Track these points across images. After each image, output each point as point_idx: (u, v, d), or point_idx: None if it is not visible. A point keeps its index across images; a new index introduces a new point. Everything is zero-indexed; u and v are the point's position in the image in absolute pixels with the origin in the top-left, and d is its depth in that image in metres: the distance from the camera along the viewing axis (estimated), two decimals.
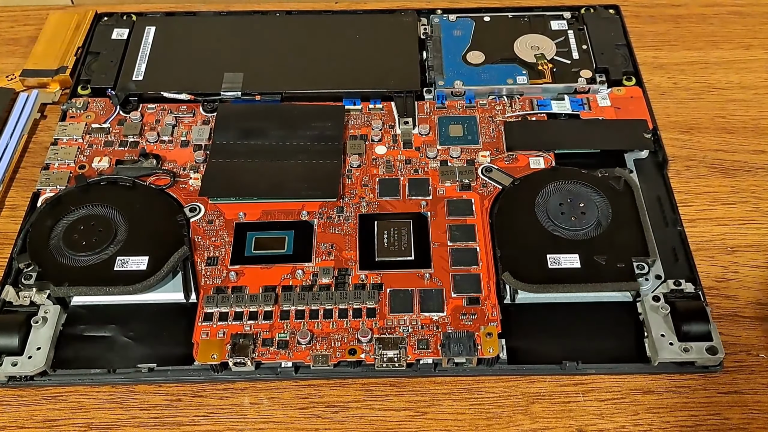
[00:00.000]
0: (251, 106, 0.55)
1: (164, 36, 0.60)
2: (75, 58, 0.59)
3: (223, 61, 0.57)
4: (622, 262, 0.44)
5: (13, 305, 0.44)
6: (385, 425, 0.41)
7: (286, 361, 0.42)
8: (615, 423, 0.41)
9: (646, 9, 0.64)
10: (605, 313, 0.44)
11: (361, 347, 0.42)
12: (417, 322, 0.43)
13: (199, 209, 0.49)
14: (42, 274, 0.44)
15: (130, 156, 0.52)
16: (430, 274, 0.45)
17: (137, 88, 0.56)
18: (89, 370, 0.42)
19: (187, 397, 0.42)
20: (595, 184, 0.48)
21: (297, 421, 0.41)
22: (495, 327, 0.43)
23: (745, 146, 0.54)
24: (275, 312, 0.44)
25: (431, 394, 0.42)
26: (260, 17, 0.62)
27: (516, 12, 0.61)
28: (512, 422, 0.41)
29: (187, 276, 0.45)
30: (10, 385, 0.42)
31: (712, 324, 0.42)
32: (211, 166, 0.50)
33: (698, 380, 0.43)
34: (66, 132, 0.53)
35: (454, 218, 0.48)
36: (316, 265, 0.46)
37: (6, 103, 0.56)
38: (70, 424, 0.41)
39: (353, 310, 0.44)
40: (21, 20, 0.65)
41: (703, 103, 0.57)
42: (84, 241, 0.46)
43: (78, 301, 0.45)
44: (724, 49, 0.62)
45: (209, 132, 0.53)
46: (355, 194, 0.50)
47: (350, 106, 0.55)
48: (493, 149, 0.52)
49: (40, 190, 0.50)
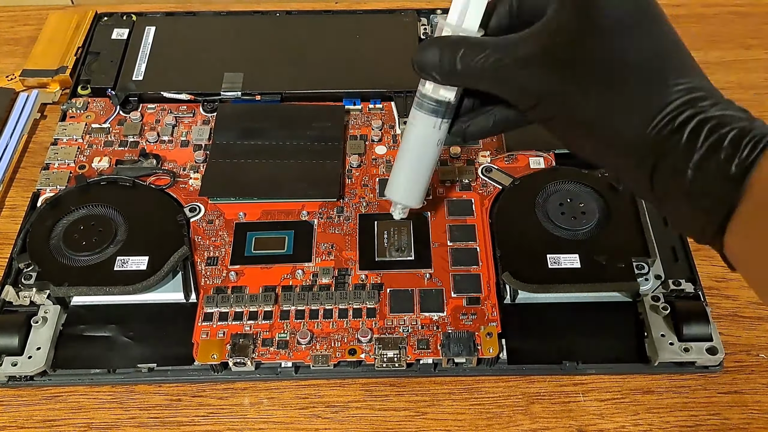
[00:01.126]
0: (251, 106, 0.55)
1: (164, 36, 0.60)
2: (75, 58, 0.58)
3: (223, 61, 0.57)
4: (622, 262, 0.44)
5: (13, 305, 0.44)
6: (385, 425, 0.41)
7: (286, 361, 0.42)
8: (615, 423, 0.41)
9: None
10: (605, 313, 0.44)
11: (361, 347, 0.42)
12: (417, 322, 0.43)
13: (199, 209, 0.49)
14: (42, 274, 0.44)
15: (130, 156, 0.52)
16: (430, 274, 0.45)
17: (137, 88, 0.56)
18: (89, 370, 0.42)
19: (187, 397, 0.42)
20: (595, 184, 0.48)
21: (297, 421, 0.41)
22: (495, 327, 0.43)
23: None
24: (275, 312, 0.44)
25: (431, 394, 0.42)
26: (260, 17, 0.62)
27: None
28: (512, 422, 0.41)
29: (187, 276, 0.45)
30: (10, 385, 0.42)
31: (712, 324, 0.42)
32: (211, 166, 0.50)
33: (698, 380, 0.43)
34: (66, 132, 0.53)
35: (454, 218, 0.48)
36: (316, 265, 0.46)
37: (6, 103, 0.56)
38: (70, 424, 0.41)
39: (353, 310, 0.44)
40: (21, 20, 0.65)
41: None
42: (84, 241, 0.46)
43: (78, 301, 0.45)
44: (724, 49, 0.62)
45: (209, 132, 0.53)
46: (355, 194, 0.50)
47: (350, 106, 0.55)
48: (493, 149, 0.52)
49: (40, 190, 0.50)
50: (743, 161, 0.26)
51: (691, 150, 0.27)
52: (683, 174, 0.28)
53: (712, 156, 0.27)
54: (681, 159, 0.28)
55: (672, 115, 0.28)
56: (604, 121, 0.30)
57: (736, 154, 0.26)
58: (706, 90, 0.29)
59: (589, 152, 0.32)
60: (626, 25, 0.30)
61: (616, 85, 0.29)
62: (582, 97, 0.30)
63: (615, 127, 0.30)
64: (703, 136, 0.27)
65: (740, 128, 0.27)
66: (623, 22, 0.30)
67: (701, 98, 0.28)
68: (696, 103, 0.28)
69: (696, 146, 0.27)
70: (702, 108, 0.28)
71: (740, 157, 0.26)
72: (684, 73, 0.29)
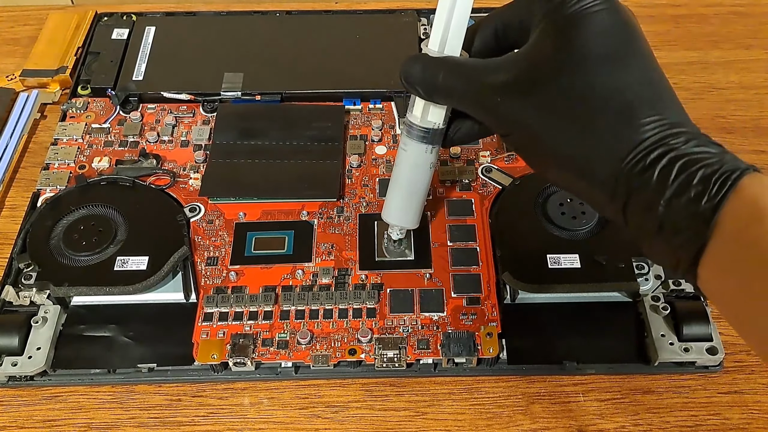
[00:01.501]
0: (251, 106, 0.55)
1: (164, 36, 0.60)
2: (75, 58, 0.58)
3: (223, 61, 0.57)
4: (622, 262, 0.44)
5: (13, 305, 0.44)
6: (385, 425, 0.41)
7: (286, 361, 0.42)
8: (615, 423, 0.41)
9: (646, 9, 0.64)
10: (605, 313, 0.44)
11: (361, 347, 0.42)
12: (417, 322, 0.43)
13: (199, 209, 0.49)
14: (42, 274, 0.44)
15: (130, 156, 0.52)
16: (430, 274, 0.45)
17: (137, 88, 0.56)
18: (89, 370, 0.42)
19: (187, 397, 0.42)
20: None
21: (297, 421, 0.41)
22: (495, 327, 0.43)
23: (745, 146, 0.54)
24: (275, 312, 0.44)
25: (431, 394, 0.42)
26: (260, 17, 0.62)
27: None
28: (512, 422, 0.41)
29: (187, 276, 0.45)
30: (10, 385, 0.42)
31: (712, 324, 0.42)
32: (211, 166, 0.50)
33: (698, 380, 0.43)
34: (66, 132, 0.53)
35: (454, 218, 0.48)
36: (316, 265, 0.46)
37: (6, 103, 0.56)
38: (70, 424, 0.41)
39: (353, 310, 0.44)
40: (21, 20, 0.65)
41: (703, 103, 0.57)
42: (84, 241, 0.46)
43: (78, 301, 0.45)
44: (724, 49, 0.62)
45: (209, 132, 0.53)
46: (355, 194, 0.50)
47: (350, 106, 0.55)
48: (493, 149, 0.52)
49: (40, 190, 0.50)
50: (712, 198, 0.26)
51: (663, 188, 0.27)
52: (655, 211, 0.28)
53: (683, 194, 0.27)
54: (653, 196, 0.28)
55: (644, 152, 0.28)
56: (577, 157, 0.30)
57: (705, 191, 0.27)
58: (681, 125, 0.29)
59: (562, 184, 0.32)
60: (605, 60, 0.30)
61: (589, 120, 0.29)
62: (555, 131, 0.30)
63: (587, 162, 0.30)
64: (674, 174, 0.27)
65: (711, 164, 0.27)
66: (603, 56, 0.30)
67: (674, 135, 0.28)
68: (669, 141, 0.28)
69: (667, 184, 0.27)
70: (674, 145, 0.28)
71: (709, 195, 0.27)
72: (660, 108, 0.29)
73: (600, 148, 0.29)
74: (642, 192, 0.28)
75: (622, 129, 0.29)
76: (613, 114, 0.29)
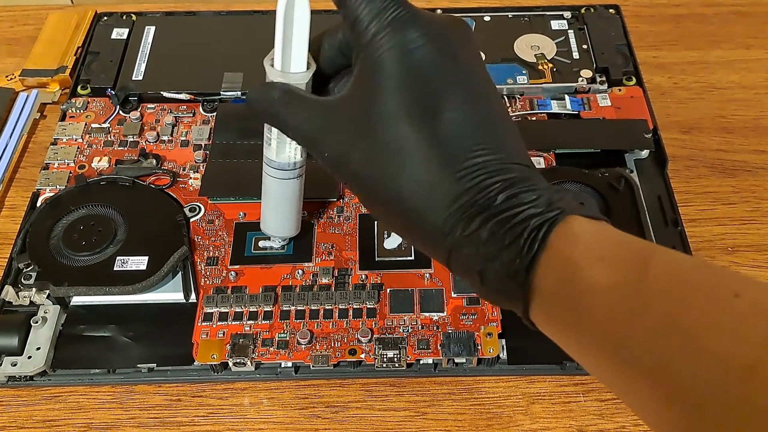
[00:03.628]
0: None
1: (164, 36, 0.60)
2: (75, 58, 0.58)
3: (223, 61, 0.57)
4: None
5: (13, 305, 0.44)
6: (385, 425, 0.41)
7: (286, 361, 0.42)
8: (615, 423, 0.41)
9: (646, 9, 0.64)
10: None
11: (361, 347, 0.42)
12: (417, 322, 0.43)
13: (199, 209, 0.49)
14: (42, 274, 0.44)
15: (130, 156, 0.52)
16: (430, 274, 0.45)
17: (137, 88, 0.56)
18: (89, 370, 0.42)
19: (187, 397, 0.42)
20: (595, 184, 0.48)
21: (297, 421, 0.41)
22: (495, 327, 0.43)
23: (745, 146, 0.54)
24: (275, 312, 0.44)
25: (431, 394, 0.42)
26: (260, 17, 0.62)
27: (516, 12, 0.61)
28: (512, 422, 0.41)
29: (186, 276, 0.45)
30: (10, 385, 0.42)
31: None
32: (211, 166, 0.50)
33: None
34: (66, 132, 0.53)
35: None
36: (316, 265, 0.46)
37: (6, 103, 0.56)
38: (70, 424, 0.41)
39: (353, 310, 0.44)
40: (21, 20, 0.65)
41: (703, 102, 0.57)
42: (84, 241, 0.46)
43: (78, 301, 0.45)
44: (725, 48, 0.62)
45: (209, 132, 0.53)
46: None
47: None
48: None
49: (39, 190, 0.50)
50: (524, 259, 0.26)
51: (476, 251, 0.27)
52: (474, 272, 0.28)
53: (496, 258, 0.27)
54: (469, 259, 0.27)
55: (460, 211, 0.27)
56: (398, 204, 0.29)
57: (517, 255, 0.26)
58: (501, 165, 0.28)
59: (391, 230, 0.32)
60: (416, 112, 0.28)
61: (410, 174, 0.28)
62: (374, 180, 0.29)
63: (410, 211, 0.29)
64: (485, 237, 0.27)
65: (522, 221, 0.27)
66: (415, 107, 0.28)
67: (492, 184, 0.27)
68: (486, 192, 0.27)
69: (479, 249, 0.27)
70: (489, 198, 0.27)
71: (521, 257, 0.26)
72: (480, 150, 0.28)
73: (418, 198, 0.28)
74: (460, 251, 0.28)
75: (441, 181, 0.28)
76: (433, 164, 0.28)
